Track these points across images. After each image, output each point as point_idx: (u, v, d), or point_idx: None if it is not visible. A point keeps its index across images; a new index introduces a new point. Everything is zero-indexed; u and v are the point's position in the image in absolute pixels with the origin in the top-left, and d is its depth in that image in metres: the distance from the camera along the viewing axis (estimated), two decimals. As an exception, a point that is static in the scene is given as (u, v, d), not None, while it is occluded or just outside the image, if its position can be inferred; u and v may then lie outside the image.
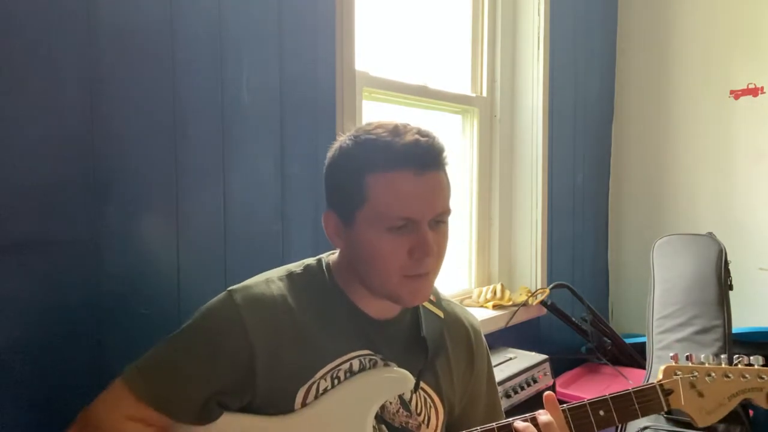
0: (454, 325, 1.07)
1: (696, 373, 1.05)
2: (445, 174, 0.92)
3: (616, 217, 2.74)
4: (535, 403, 1.70)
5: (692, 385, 1.05)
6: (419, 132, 0.89)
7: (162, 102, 1.13)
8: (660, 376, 1.06)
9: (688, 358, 1.08)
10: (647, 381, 1.87)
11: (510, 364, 1.75)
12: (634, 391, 1.02)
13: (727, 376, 1.06)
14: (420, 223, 0.88)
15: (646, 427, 1.72)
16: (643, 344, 2.01)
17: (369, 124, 0.93)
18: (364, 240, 0.89)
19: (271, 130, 1.32)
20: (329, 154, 0.96)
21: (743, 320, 2.10)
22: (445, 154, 0.91)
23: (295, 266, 1.00)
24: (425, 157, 0.88)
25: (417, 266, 0.89)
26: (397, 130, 0.89)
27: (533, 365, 1.75)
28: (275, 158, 1.33)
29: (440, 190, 0.90)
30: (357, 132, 0.93)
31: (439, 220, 0.91)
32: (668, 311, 1.94)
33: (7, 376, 0.95)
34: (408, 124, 0.91)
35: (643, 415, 1.02)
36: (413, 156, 0.87)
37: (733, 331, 1.88)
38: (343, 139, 0.94)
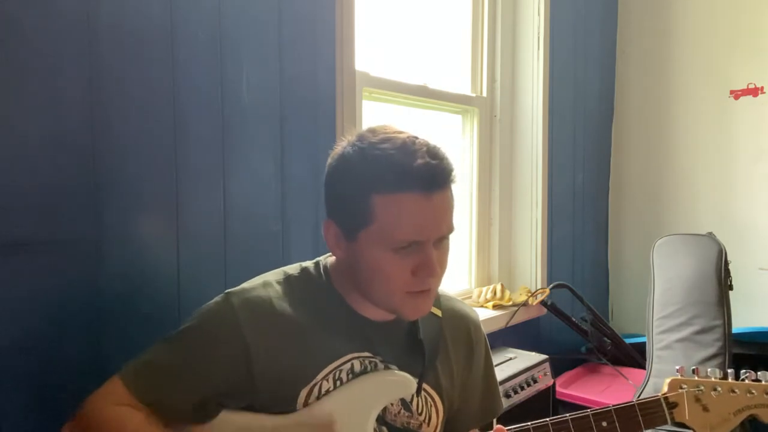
0: (453, 321, 1.06)
1: (702, 387, 1.05)
2: (451, 192, 0.90)
3: (616, 217, 2.74)
4: (534, 403, 1.71)
5: (697, 399, 1.04)
6: (429, 152, 0.86)
7: (162, 102, 1.13)
8: (665, 389, 1.05)
9: (694, 371, 1.07)
10: (647, 381, 1.88)
11: (510, 364, 1.75)
12: (638, 404, 1.02)
13: (734, 392, 1.04)
14: (425, 244, 0.87)
15: (646, 427, 1.72)
16: (643, 344, 2.01)
17: (374, 133, 0.89)
18: (367, 257, 0.88)
19: (271, 130, 1.32)
20: (330, 162, 0.93)
21: (743, 320, 2.10)
22: (453, 174, 0.89)
23: (292, 269, 1.00)
24: (435, 179, 0.86)
25: (420, 284, 0.89)
26: (406, 148, 0.86)
27: (533, 365, 1.75)
28: (275, 158, 1.33)
29: (447, 211, 0.89)
30: (361, 142, 0.89)
31: (442, 238, 0.90)
32: (668, 311, 1.94)
33: (7, 375, 0.95)
34: (416, 140, 0.87)
35: (646, 428, 1.02)
36: (423, 178, 0.85)
37: (733, 331, 1.88)
38: (345, 146, 0.91)
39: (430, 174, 0.85)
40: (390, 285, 0.89)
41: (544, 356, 1.81)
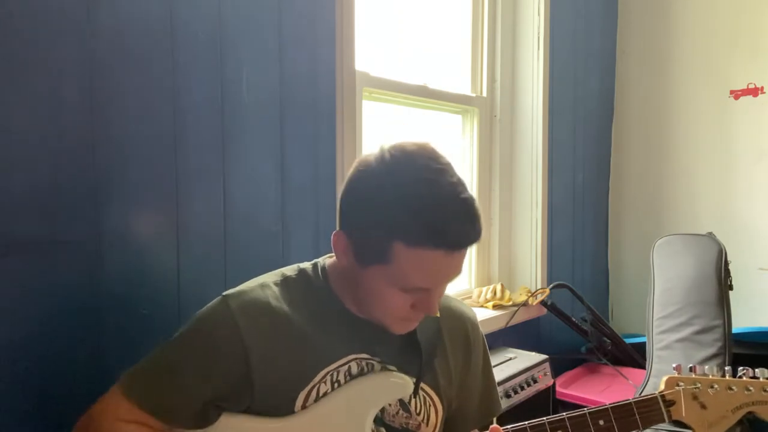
0: (451, 320, 1.06)
1: (699, 385, 1.04)
2: None
3: (616, 217, 2.74)
4: (534, 403, 1.71)
5: (694, 397, 1.04)
6: (466, 213, 0.83)
7: (162, 103, 1.13)
8: (662, 387, 1.05)
9: (691, 369, 1.07)
10: (647, 381, 1.88)
11: (510, 364, 1.75)
12: (635, 402, 1.02)
13: (731, 389, 1.05)
14: (432, 290, 0.88)
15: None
16: (643, 344, 2.01)
17: (413, 161, 0.84)
18: (373, 286, 0.88)
19: (271, 130, 1.32)
20: (355, 174, 0.88)
21: (743, 320, 2.10)
22: (482, 234, 0.87)
23: (290, 270, 0.99)
24: (464, 243, 0.85)
25: (416, 316, 0.92)
26: (444, 202, 0.82)
27: (533, 365, 1.75)
28: (275, 158, 1.33)
29: (462, 263, 0.88)
30: (397, 168, 0.84)
31: None
32: (668, 311, 1.94)
33: (7, 377, 0.95)
34: (458, 193, 0.83)
35: (643, 427, 1.01)
36: (453, 241, 0.83)
37: (733, 331, 1.88)
38: (378, 164, 0.85)
39: (461, 239, 0.84)
40: (387, 312, 0.91)
41: (544, 356, 1.81)
